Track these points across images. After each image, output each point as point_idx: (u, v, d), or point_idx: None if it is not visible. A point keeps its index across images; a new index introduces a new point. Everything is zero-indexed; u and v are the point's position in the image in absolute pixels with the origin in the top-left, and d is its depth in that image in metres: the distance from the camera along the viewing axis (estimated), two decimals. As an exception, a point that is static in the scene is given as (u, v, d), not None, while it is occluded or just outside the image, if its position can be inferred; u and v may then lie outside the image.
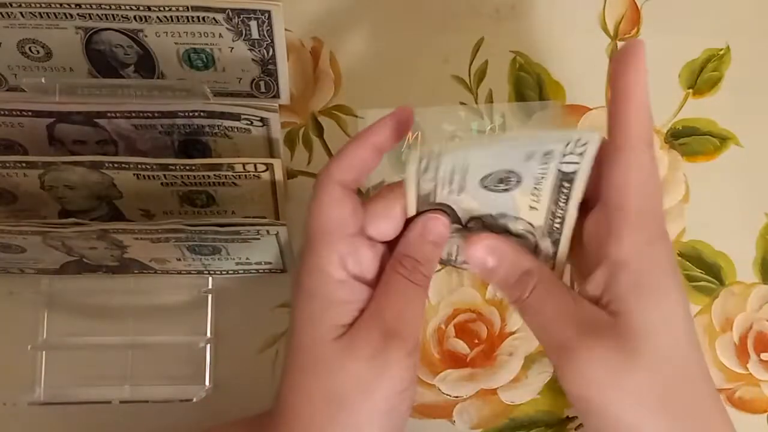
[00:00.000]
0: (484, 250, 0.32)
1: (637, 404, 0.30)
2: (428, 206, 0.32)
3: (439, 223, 0.32)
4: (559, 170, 0.30)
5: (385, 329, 0.31)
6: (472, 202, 0.32)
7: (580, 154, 0.30)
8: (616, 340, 0.30)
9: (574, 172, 0.30)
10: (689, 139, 0.45)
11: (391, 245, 0.33)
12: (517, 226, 0.33)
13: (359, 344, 0.31)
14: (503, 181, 0.31)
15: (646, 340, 0.29)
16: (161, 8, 0.38)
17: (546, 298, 0.32)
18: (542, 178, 0.31)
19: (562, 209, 0.32)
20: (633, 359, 0.29)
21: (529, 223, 0.33)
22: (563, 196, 0.31)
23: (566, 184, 0.31)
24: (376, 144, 0.32)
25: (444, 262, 0.35)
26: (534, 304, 0.32)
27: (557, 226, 0.32)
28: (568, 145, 0.29)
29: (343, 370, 0.31)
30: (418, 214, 0.33)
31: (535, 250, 0.33)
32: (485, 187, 0.31)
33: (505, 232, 0.33)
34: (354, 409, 0.31)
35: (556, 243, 0.33)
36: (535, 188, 0.31)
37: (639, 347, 0.29)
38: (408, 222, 0.33)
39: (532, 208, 0.32)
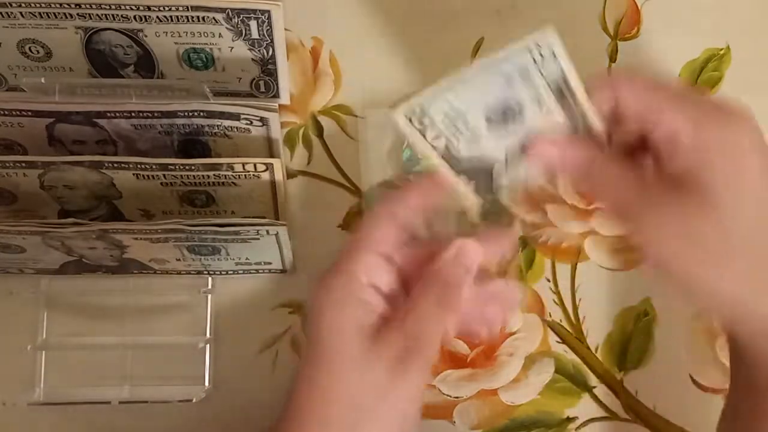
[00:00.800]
0: (540, 155, 0.34)
1: (702, 253, 0.31)
2: (462, 170, 0.33)
3: (472, 249, 0.34)
4: (547, 83, 0.32)
5: (408, 343, 0.32)
6: (496, 145, 0.33)
7: (553, 55, 0.31)
8: (680, 197, 0.31)
9: (562, 76, 0.31)
10: (689, 139, 0.45)
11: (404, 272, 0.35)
12: None
13: (382, 351, 0.32)
14: (507, 113, 0.32)
15: (711, 194, 0.30)
16: (161, 8, 0.38)
17: (608, 175, 0.33)
18: (540, 96, 0.32)
19: (578, 108, 0.33)
20: (696, 211, 0.31)
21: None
22: (574, 102, 0.32)
23: (569, 96, 0.32)
24: (427, 203, 0.34)
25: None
26: (599, 179, 0.33)
27: (582, 122, 0.33)
28: (533, 56, 0.31)
29: (365, 376, 0.32)
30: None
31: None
32: (495, 122, 0.33)
33: None
34: (373, 416, 0.32)
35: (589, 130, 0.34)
36: (539, 104, 0.32)
37: (703, 200, 0.30)
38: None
39: (558, 121, 0.33)
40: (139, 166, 0.38)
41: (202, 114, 0.39)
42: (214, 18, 0.39)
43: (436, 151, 0.33)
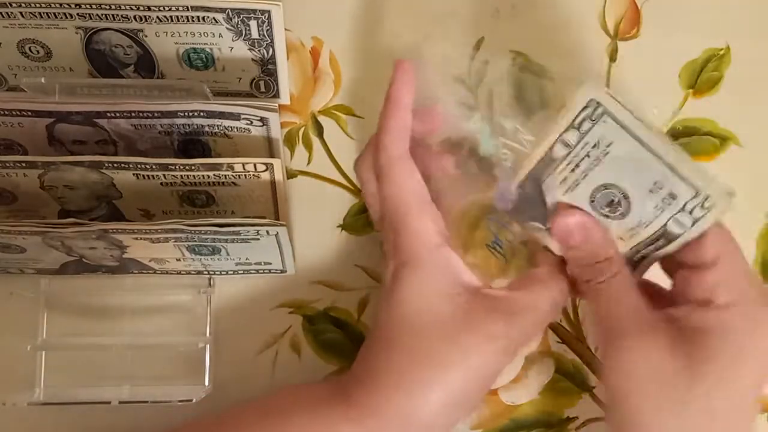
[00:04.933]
0: (574, 224, 0.32)
1: (673, 421, 0.29)
2: (533, 187, 0.33)
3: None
4: (665, 226, 0.31)
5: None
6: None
7: (697, 219, 0.30)
8: (686, 355, 0.30)
9: (678, 236, 0.31)
10: (689, 139, 0.45)
11: None
12: None
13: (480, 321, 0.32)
14: (611, 205, 0.32)
15: (717, 371, 0.29)
16: (161, 8, 0.38)
17: (620, 290, 0.32)
18: (646, 225, 0.31)
19: (648, 255, 0.32)
20: (692, 376, 0.29)
21: None
22: (654, 248, 0.32)
23: (662, 242, 0.32)
24: (407, 104, 0.33)
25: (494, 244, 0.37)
26: (605, 291, 0.32)
27: (636, 260, 0.33)
28: (695, 197, 0.30)
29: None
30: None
31: None
32: (592, 203, 0.32)
33: None
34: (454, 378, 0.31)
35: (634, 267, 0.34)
36: (634, 230, 0.32)
37: (705, 371, 0.29)
38: None
39: (620, 239, 0.33)
40: (139, 166, 0.38)
41: (202, 114, 0.39)
42: (214, 18, 0.39)
43: (552, 169, 0.32)
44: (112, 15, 0.38)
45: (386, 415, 0.31)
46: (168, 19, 0.39)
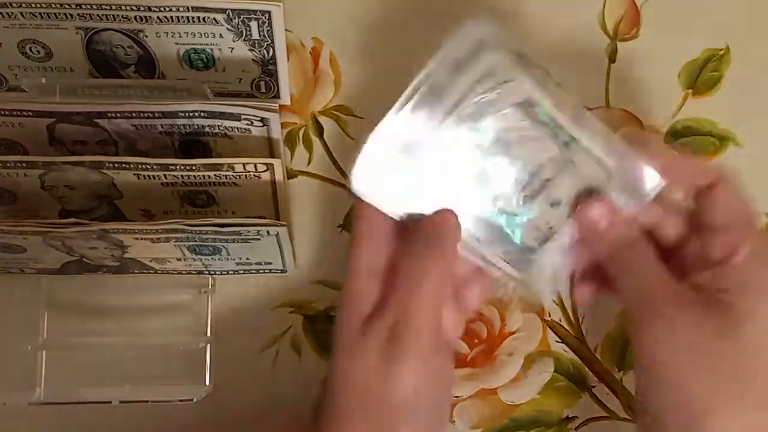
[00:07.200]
0: (599, 214, 0.34)
1: (716, 382, 0.30)
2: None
3: (441, 219, 0.34)
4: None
5: (397, 320, 0.32)
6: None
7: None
8: (718, 317, 0.30)
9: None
10: (689, 139, 0.45)
11: None
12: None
13: (369, 339, 0.32)
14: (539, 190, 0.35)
15: (751, 327, 0.30)
16: (161, 8, 0.38)
17: (643, 261, 0.33)
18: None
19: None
20: (728, 337, 0.30)
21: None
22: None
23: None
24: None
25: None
26: (628, 265, 0.33)
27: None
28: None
29: (359, 364, 0.32)
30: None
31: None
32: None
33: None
34: (381, 398, 0.32)
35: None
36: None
37: (739, 330, 0.30)
38: None
39: None
40: (139, 166, 0.38)
41: (202, 114, 0.39)
42: (214, 18, 0.39)
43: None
44: (113, 15, 0.38)
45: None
46: (168, 20, 0.39)
